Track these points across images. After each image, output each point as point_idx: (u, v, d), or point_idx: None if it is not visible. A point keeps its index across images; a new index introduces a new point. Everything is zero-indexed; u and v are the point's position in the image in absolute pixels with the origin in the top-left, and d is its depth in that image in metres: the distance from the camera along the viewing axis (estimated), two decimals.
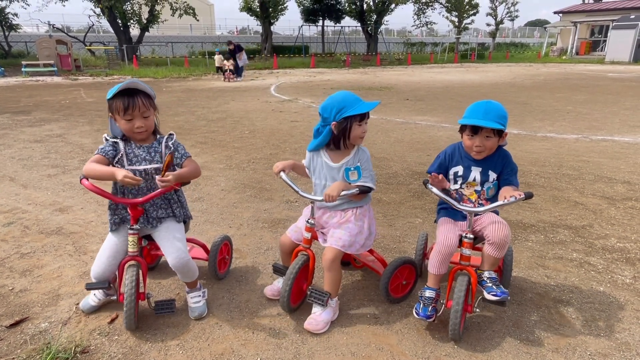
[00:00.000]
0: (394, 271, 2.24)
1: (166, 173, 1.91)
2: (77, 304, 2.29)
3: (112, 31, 25.82)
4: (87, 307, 2.21)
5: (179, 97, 11.43)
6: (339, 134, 2.09)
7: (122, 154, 2.04)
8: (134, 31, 27.77)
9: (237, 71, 16.07)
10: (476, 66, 26.04)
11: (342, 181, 2.12)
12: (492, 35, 40.60)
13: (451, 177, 2.19)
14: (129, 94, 1.95)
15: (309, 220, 2.16)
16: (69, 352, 1.91)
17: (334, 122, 2.06)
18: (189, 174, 2.05)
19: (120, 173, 1.85)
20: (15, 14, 28.01)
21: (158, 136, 2.15)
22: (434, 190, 2.04)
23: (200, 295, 2.20)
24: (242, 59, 16.42)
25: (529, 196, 1.89)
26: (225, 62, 15.93)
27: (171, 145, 2.10)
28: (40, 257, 2.81)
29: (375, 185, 2.17)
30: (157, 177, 1.92)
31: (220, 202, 3.83)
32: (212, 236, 3.12)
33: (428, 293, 2.10)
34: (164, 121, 7.77)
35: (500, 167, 2.09)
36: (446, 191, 2.12)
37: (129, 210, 2.02)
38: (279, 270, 2.29)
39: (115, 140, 2.05)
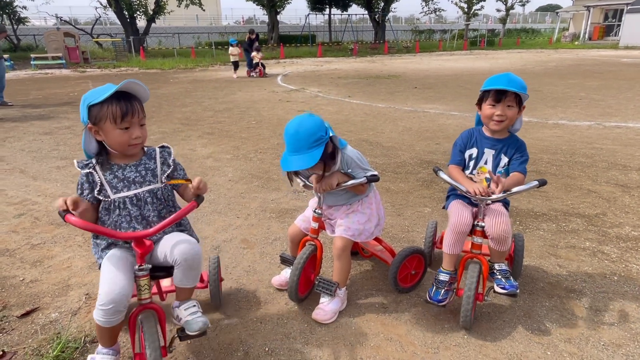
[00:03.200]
0: (402, 261, 2.22)
1: (191, 184, 1.63)
2: (87, 294, 2.31)
3: (119, 23, 25.81)
4: None
5: (186, 88, 11.42)
6: None
7: (99, 184, 1.64)
8: (141, 22, 27.74)
9: (251, 63, 14.13)
10: (486, 53, 25.62)
11: (339, 172, 2.05)
12: (502, 21, 39.85)
13: (466, 160, 2.18)
14: (125, 98, 1.60)
15: (316, 210, 2.13)
16: (79, 342, 1.93)
17: None
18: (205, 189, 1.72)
19: (57, 204, 1.48)
20: (24, 7, 28.15)
21: (146, 149, 1.77)
22: (445, 177, 2.03)
23: (195, 305, 1.77)
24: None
25: (542, 183, 1.90)
26: (255, 54, 13.80)
27: (170, 163, 1.75)
28: (50, 248, 2.84)
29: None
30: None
31: (227, 193, 3.82)
32: (220, 227, 3.13)
33: (442, 276, 2.08)
34: (172, 112, 7.77)
35: (513, 152, 2.07)
36: (462, 176, 2.10)
37: (133, 246, 1.58)
38: (286, 261, 2.28)
39: (87, 170, 1.64)
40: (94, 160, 1.67)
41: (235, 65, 14.12)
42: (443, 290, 2.04)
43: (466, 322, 1.95)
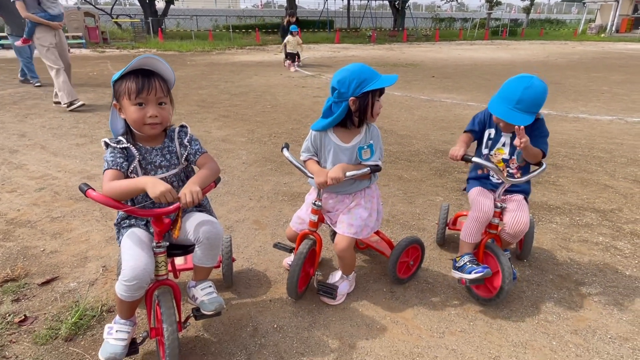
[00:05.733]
0: (402, 252, 2.19)
1: (184, 191, 1.53)
2: (104, 266, 2.39)
3: (138, 3, 25.88)
4: (119, 352, 1.59)
5: (202, 70, 11.46)
6: (357, 110, 1.90)
7: (136, 162, 1.63)
8: (160, 4, 27.76)
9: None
10: (507, 43, 25.01)
11: (344, 163, 1.95)
12: (526, 10, 38.80)
13: (485, 139, 2.19)
14: (143, 74, 1.58)
15: (316, 202, 2.02)
16: (96, 310, 2.01)
17: (352, 98, 1.86)
18: (207, 177, 1.65)
19: (154, 187, 1.46)
20: None
21: (167, 130, 1.74)
22: (476, 159, 2.02)
23: (211, 285, 1.81)
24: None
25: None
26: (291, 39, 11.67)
27: (186, 143, 1.73)
28: (70, 222, 2.93)
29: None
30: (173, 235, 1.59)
31: (241, 175, 3.87)
32: (233, 207, 3.18)
33: (468, 257, 2.10)
34: (188, 95, 7.83)
35: (531, 131, 2.02)
36: (487, 159, 2.15)
37: (152, 224, 1.60)
38: (282, 249, 2.27)
39: (124, 145, 1.62)
40: (125, 139, 1.63)
41: (292, 56, 11.66)
42: (475, 264, 2.05)
43: (508, 292, 2.01)
